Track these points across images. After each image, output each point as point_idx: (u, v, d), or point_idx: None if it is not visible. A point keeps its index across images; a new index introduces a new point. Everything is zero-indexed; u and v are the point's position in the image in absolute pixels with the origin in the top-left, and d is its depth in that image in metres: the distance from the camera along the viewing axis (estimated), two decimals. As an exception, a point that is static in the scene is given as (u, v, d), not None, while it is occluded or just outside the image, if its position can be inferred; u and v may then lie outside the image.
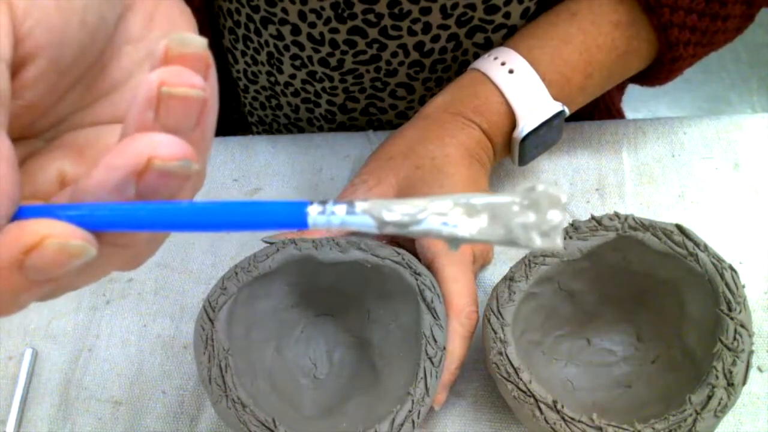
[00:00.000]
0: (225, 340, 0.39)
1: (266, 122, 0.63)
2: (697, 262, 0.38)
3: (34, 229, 0.18)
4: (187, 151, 0.19)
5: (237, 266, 0.41)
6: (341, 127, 0.59)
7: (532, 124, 0.45)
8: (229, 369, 0.38)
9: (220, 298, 0.40)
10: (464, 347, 0.40)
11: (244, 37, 0.54)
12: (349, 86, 0.54)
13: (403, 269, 0.40)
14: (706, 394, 0.35)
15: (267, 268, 0.41)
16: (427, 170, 0.44)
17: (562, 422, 0.36)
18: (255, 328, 0.42)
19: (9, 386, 0.48)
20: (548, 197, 0.18)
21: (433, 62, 0.52)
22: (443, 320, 0.39)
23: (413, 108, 0.56)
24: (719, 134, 0.53)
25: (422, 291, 0.40)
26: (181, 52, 0.20)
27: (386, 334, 0.43)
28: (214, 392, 0.37)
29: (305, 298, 0.44)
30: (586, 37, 0.45)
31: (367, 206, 0.19)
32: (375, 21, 0.48)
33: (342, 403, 0.42)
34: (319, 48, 0.51)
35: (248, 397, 0.37)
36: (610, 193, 0.51)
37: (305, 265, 0.42)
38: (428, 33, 0.49)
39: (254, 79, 0.58)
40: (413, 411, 0.37)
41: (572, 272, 0.42)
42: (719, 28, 0.46)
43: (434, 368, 0.38)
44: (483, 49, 0.51)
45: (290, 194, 0.54)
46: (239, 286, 0.40)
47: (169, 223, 0.19)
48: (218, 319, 0.39)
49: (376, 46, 0.50)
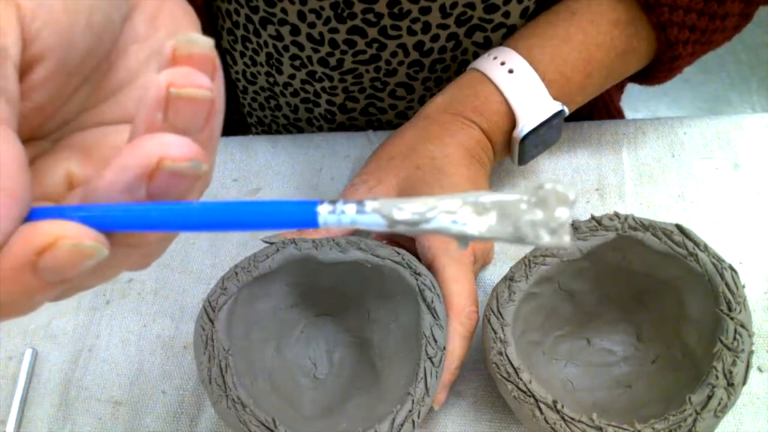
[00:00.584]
0: (225, 340, 0.39)
1: (265, 123, 0.63)
2: (697, 262, 0.38)
3: (46, 230, 0.18)
4: (197, 151, 0.19)
5: (237, 266, 0.41)
6: (341, 127, 0.59)
7: (531, 123, 0.45)
8: (229, 369, 0.38)
9: (220, 298, 0.40)
10: (464, 347, 0.40)
11: (243, 38, 0.54)
12: (348, 86, 0.54)
13: (403, 269, 0.40)
14: (706, 394, 0.35)
15: (267, 268, 0.41)
16: (428, 170, 0.44)
17: (562, 422, 0.36)
18: (255, 328, 0.42)
19: (9, 386, 0.48)
20: (556, 195, 0.18)
21: (433, 62, 0.52)
22: (443, 320, 0.39)
23: (413, 108, 0.57)
24: (719, 134, 0.53)
25: (422, 291, 0.40)
26: (189, 52, 0.20)
27: (386, 334, 0.43)
28: (214, 392, 0.37)
29: (305, 298, 0.44)
30: (586, 37, 0.45)
31: (377, 205, 0.19)
32: (374, 21, 0.48)
33: (342, 403, 0.42)
34: (318, 48, 0.51)
35: (248, 397, 0.37)
36: (610, 193, 0.51)
37: (305, 265, 0.42)
38: (428, 32, 0.49)
39: (253, 80, 0.58)
40: (413, 411, 0.37)
41: (572, 272, 0.42)
42: (718, 26, 0.46)
43: (434, 368, 0.38)
44: (482, 49, 0.51)
45: (290, 194, 0.54)
46: (239, 286, 0.40)
47: (181, 224, 0.19)
48: (218, 319, 0.39)
49: (375, 46, 0.50)
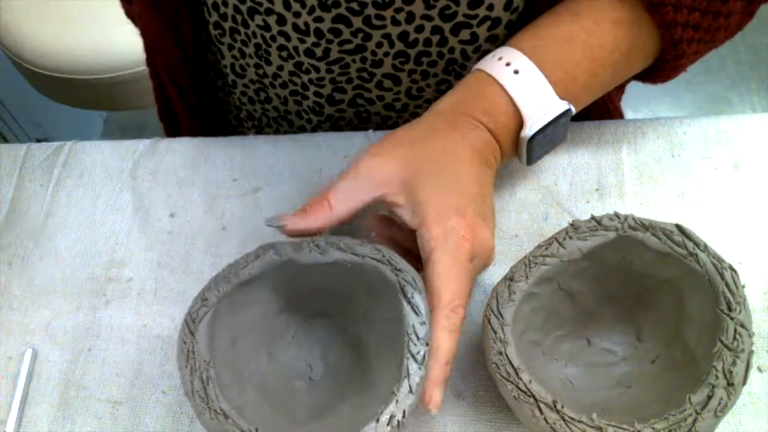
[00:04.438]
0: (206, 353, 0.39)
1: (255, 117, 0.64)
2: (697, 262, 0.38)
3: None
4: None
5: (217, 276, 0.41)
6: (329, 119, 0.59)
7: (539, 123, 0.45)
8: (211, 381, 0.38)
9: (200, 310, 0.39)
10: (451, 341, 0.39)
11: (231, 30, 0.55)
12: (335, 77, 0.55)
13: (383, 266, 0.40)
14: (706, 394, 0.35)
15: (248, 276, 0.40)
16: (435, 165, 0.43)
17: (562, 422, 0.36)
18: (242, 336, 0.42)
19: (9, 386, 0.48)
20: None
21: (418, 54, 0.52)
22: (426, 316, 0.38)
23: (400, 100, 0.57)
24: (719, 134, 0.53)
25: (403, 287, 0.39)
26: None
27: (376, 332, 0.42)
28: (197, 405, 0.38)
29: (292, 302, 0.44)
30: (589, 37, 0.45)
31: None
32: (358, 9, 0.49)
33: (337, 404, 0.42)
34: (304, 38, 0.51)
35: (231, 408, 0.37)
36: (609, 193, 0.51)
37: (287, 270, 0.41)
38: (412, 23, 0.50)
39: (242, 73, 0.59)
40: (398, 410, 0.36)
41: (572, 272, 0.42)
42: (721, 24, 0.46)
43: (418, 365, 0.37)
44: (469, 45, 0.52)
45: (290, 194, 0.54)
46: (219, 296, 0.40)
47: None
48: (199, 331, 0.39)
49: (360, 36, 0.51)
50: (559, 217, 0.50)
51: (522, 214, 0.51)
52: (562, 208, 0.51)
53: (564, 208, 0.51)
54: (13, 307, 0.52)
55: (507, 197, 0.52)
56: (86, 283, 0.52)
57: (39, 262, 0.54)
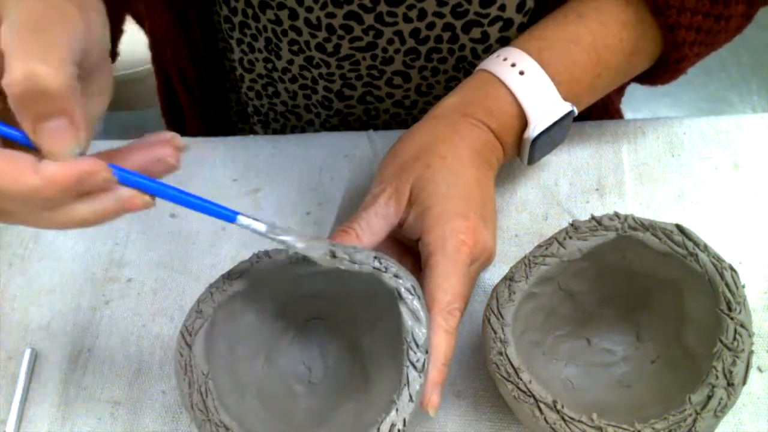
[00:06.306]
0: (204, 365, 0.38)
1: (262, 112, 0.64)
2: (697, 262, 0.38)
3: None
4: None
5: (211, 286, 0.40)
6: (338, 113, 0.59)
7: (543, 124, 0.45)
8: (210, 393, 0.37)
9: (196, 321, 0.39)
10: (449, 343, 0.39)
11: (241, 24, 0.55)
12: (345, 72, 0.55)
13: (381, 273, 0.39)
14: (706, 394, 0.35)
15: (243, 285, 0.40)
16: (437, 169, 0.43)
17: (562, 422, 0.36)
18: (240, 344, 0.42)
19: (9, 386, 0.48)
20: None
21: (429, 50, 0.52)
22: (426, 322, 0.38)
23: (409, 97, 0.57)
24: (719, 134, 0.53)
25: (401, 294, 0.38)
26: None
27: (374, 337, 0.42)
28: (197, 417, 0.37)
29: (291, 306, 0.44)
30: (595, 38, 0.45)
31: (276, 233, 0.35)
32: (371, 6, 0.49)
33: (335, 409, 0.41)
34: (315, 33, 0.51)
35: (231, 420, 0.37)
36: (609, 193, 0.51)
37: (282, 277, 0.41)
38: (423, 20, 0.50)
39: (251, 68, 0.59)
40: (398, 419, 0.36)
41: (572, 272, 0.42)
42: (722, 27, 0.46)
43: (417, 373, 0.37)
44: (480, 44, 0.51)
45: (290, 194, 0.54)
46: (215, 306, 0.39)
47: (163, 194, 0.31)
48: (195, 344, 0.38)
49: (372, 33, 0.51)
50: (559, 217, 0.50)
51: (522, 214, 0.51)
52: (562, 207, 0.51)
53: (564, 208, 0.51)
54: (13, 307, 0.52)
55: (507, 197, 0.52)
56: (86, 283, 0.52)
57: (39, 262, 0.54)
